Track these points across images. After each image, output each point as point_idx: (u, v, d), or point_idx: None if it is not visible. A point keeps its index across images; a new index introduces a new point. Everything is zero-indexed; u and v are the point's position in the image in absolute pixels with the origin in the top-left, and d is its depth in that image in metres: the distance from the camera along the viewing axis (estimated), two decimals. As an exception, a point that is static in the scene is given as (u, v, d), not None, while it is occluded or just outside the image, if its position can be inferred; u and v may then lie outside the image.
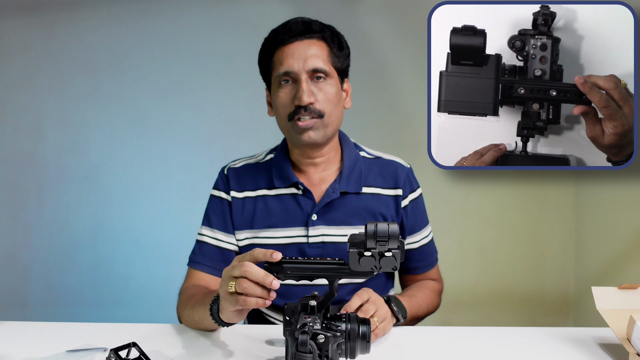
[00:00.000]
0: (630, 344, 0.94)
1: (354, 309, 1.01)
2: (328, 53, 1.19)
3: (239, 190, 1.27)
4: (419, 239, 1.32)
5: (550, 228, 2.38)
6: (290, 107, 1.18)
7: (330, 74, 1.19)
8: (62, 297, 2.41)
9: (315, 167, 1.26)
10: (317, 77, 1.17)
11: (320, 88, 1.18)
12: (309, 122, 1.16)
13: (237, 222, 1.26)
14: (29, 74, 2.38)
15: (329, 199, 1.22)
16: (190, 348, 1.03)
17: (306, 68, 1.16)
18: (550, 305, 2.40)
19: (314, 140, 1.18)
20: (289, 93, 1.18)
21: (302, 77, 1.16)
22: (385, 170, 1.29)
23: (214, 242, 1.26)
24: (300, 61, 1.16)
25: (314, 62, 1.17)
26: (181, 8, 2.34)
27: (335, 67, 1.20)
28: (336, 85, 1.20)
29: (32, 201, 2.42)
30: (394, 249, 0.81)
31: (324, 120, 1.18)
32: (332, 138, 1.24)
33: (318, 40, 1.19)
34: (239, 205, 1.26)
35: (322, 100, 1.17)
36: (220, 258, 1.25)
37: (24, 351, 1.00)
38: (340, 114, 1.23)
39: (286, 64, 1.17)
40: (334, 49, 1.20)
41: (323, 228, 1.22)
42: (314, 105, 1.16)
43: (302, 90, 1.15)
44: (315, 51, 1.18)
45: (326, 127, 1.19)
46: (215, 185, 1.30)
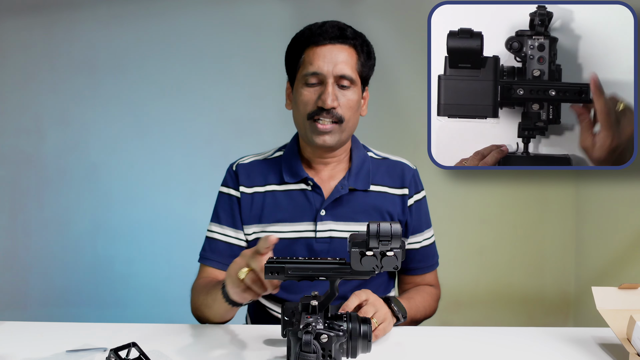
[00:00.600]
0: (630, 344, 0.94)
1: (351, 309, 1.02)
2: (356, 61, 1.21)
3: (249, 185, 1.28)
4: (421, 240, 1.34)
5: (550, 228, 2.38)
6: (312, 107, 1.20)
7: (355, 81, 1.21)
8: (62, 297, 2.41)
9: (325, 165, 1.28)
10: (343, 83, 1.20)
11: (344, 94, 1.20)
12: (328, 127, 1.19)
13: (246, 217, 1.28)
14: (29, 74, 2.38)
15: (338, 194, 1.25)
16: (190, 348, 1.03)
17: (335, 73, 1.19)
18: (550, 305, 2.40)
19: (328, 145, 1.22)
20: (314, 93, 1.20)
21: (329, 81, 1.19)
22: (393, 170, 1.31)
23: (223, 238, 1.28)
24: (330, 64, 1.19)
25: (342, 68, 1.19)
26: (181, 8, 2.34)
27: (360, 75, 1.23)
28: (358, 93, 1.23)
29: (32, 201, 2.42)
30: (395, 249, 0.81)
31: (342, 126, 1.21)
32: (346, 142, 1.27)
33: (349, 47, 1.21)
34: (247, 200, 1.28)
35: (344, 105, 1.20)
36: (229, 254, 1.27)
37: (24, 351, 1.00)
38: (357, 121, 1.26)
39: (316, 65, 1.19)
40: (362, 57, 1.23)
41: (331, 223, 1.25)
42: (336, 109, 1.19)
43: (327, 93, 1.18)
44: (345, 57, 1.20)
45: (342, 133, 1.22)
46: (224, 182, 1.32)
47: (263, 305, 1.31)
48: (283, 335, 0.98)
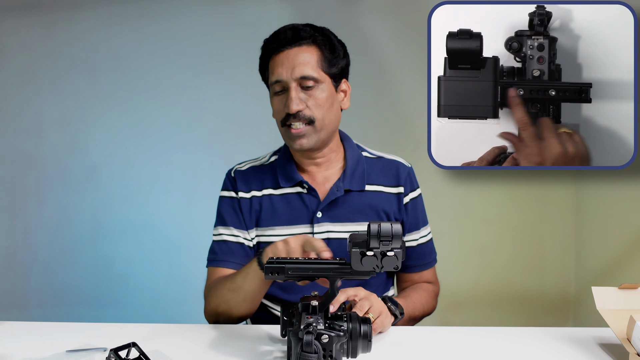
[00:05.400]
0: (630, 344, 0.94)
1: (340, 303, 1.01)
2: (318, 58, 1.21)
3: (246, 190, 1.30)
4: (418, 238, 1.34)
5: (550, 228, 2.38)
6: (282, 114, 1.21)
7: (320, 79, 1.20)
8: (62, 297, 2.41)
9: (318, 167, 1.29)
10: (306, 84, 1.19)
11: (310, 94, 1.20)
12: (301, 130, 1.20)
13: (246, 221, 1.29)
14: (29, 73, 2.38)
15: (334, 197, 1.25)
16: (190, 348, 1.03)
17: (294, 76, 1.19)
18: (550, 305, 2.40)
19: (307, 147, 1.22)
20: (281, 101, 1.22)
21: (291, 86, 1.19)
22: (387, 169, 1.32)
23: (233, 239, 1.29)
24: (288, 69, 1.19)
25: (302, 70, 1.19)
26: (181, 8, 2.34)
27: (326, 71, 1.22)
28: (328, 90, 1.22)
29: (32, 201, 2.42)
30: (396, 249, 0.82)
31: (316, 126, 1.21)
32: (329, 140, 1.26)
33: (308, 45, 1.21)
34: (246, 205, 1.29)
35: (312, 106, 1.20)
36: (242, 253, 1.28)
37: (24, 351, 1.00)
38: (335, 117, 1.25)
39: (276, 73, 1.20)
40: (325, 52, 1.22)
41: (328, 225, 1.25)
42: (303, 112, 1.19)
43: (290, 98, 1.19)
44: (305, 58, 1.20)
45: (319, 132, 1.21)
46: (224, 187, 1.33)
47: (263, 304, 1.32)
48: (283, 335, 0.98)
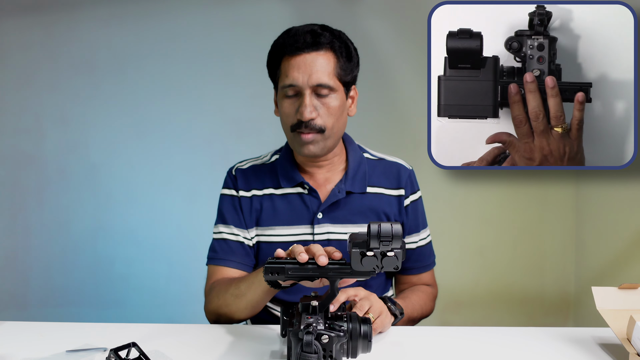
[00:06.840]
0: (630, 344, 0.94)
1: (340, 303, 1.00)
2: (335, 65, 1.17)
3: (247, 189, 1.29)
4: (417, 240, 1.34)
5: (550, 228, 2.38)
6: (293, 119, 1.19)
7: (335, 87, 1.18)
8: (62, 297, 2.41)
9: (319, 168, 1.28)
10: (321, 92, 1.17)
11: (324, 102, 1.18)
12: (310, 136, 1.18)
13: (246, 220, 1.29)
14: (29, 73, 2.38)
15: (335, 198, 1.25)
16: (190, 348, 1.03)
17: (310, 83, 1.15)
18: (550, 305, 2.40)
19: (314, 153, 1.21)
20: (293, 105, 1.18)
21: (306, 92, 1.16)
22: (389, 171, 1.31)
23: (234, 238, 1.28)
24: (305, 75, 1.15)
25: (318, 77, 1.15)
26: (181, 8, 2.34)
27: (341, 80, 1.19)
28: (340, 98, 1.20)
29: (32, 201, 2.42)
30: (396, 249, 0.81)
31: (325, 134, 1.19)
32: (335, 146, 1.25)
33: (326, 51, 1.17)
34: (247, 204, 1.29)
35: (324, 114, 1.18)
36: (242, 252, 1.28)
37: (24, 351, 1.00)
38: (343, 124, 1.24)
39: (291, 77, 1.16)
40: (342, 60, 1.18)
41: (328, 226, 1.25)
42: (314, 121, 1.17)
43: (304, 105, 1.16)
44: (322, 65, 1.16)
45: (327, 140, 1.20)
46: (225, 185, 1.33)
47: (265, 305, 1.31)
48: (283, 335, 0.98)
